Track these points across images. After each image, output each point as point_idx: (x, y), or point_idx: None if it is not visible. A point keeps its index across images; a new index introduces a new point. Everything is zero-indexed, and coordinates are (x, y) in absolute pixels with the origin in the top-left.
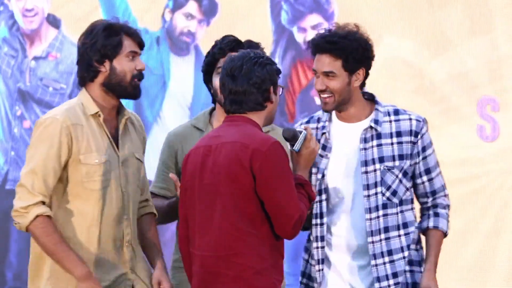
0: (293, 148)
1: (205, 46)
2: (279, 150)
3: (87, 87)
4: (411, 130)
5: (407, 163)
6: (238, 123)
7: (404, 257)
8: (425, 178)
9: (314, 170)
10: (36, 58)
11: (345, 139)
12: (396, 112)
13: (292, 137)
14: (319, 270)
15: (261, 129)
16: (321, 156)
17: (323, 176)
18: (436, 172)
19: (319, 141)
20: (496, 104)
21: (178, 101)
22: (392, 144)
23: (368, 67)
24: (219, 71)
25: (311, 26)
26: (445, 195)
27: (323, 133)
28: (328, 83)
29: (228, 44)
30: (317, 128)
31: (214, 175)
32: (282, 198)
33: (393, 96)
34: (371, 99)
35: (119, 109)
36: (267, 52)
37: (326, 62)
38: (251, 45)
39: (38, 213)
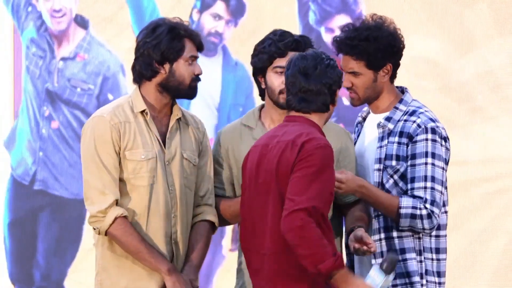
0: (383, 270)
1: (233, 47)
2: (326, 152)
3: (142, 85)
4: (408, 133)
5: (403, 166)
6: (297, 123)
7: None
8: (409, 186)
9: None
10: (64, 59)
11: (366, 129)
12: (412, 113)
13: (392, 266)
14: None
15: (320, 130)
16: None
17: None
18: (421, 185)
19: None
20: None
21: (205, 101)
22: (393, 143)
23: (396, 60)
24: (277, 70)
25: (338, 27)
26: (424, 208)
27: (361, 121)
28: (353, 80)
29: (288, 44)
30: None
31: (267, 173)
32: (298, 190)
33: (418, 95)
34: (401, 94)
35: (173, 108)
36: None
37: (349, 62)
38: (306, 41)
39: (116, 215)
